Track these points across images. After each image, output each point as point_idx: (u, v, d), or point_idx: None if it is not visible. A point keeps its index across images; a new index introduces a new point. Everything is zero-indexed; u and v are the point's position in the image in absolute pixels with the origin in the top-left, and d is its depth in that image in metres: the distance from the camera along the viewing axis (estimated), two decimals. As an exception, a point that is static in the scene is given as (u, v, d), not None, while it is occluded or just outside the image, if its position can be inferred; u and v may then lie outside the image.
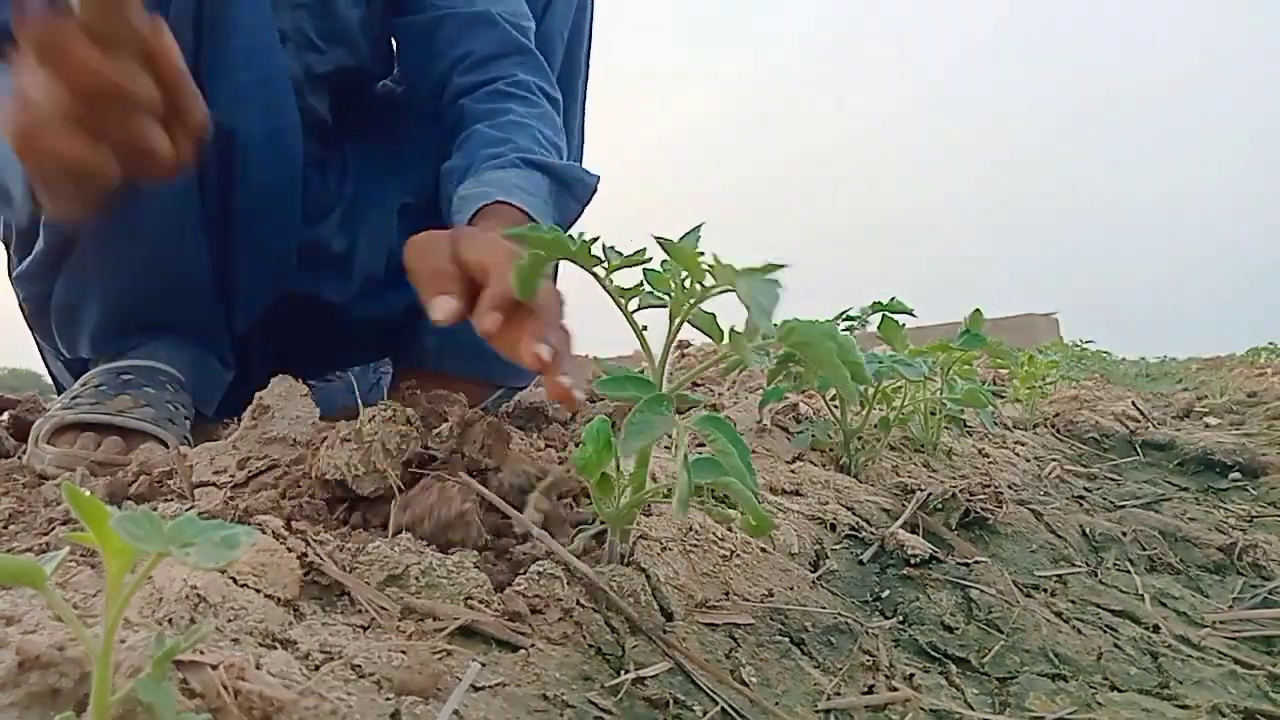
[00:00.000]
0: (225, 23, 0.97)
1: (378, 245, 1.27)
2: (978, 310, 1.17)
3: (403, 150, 1.30)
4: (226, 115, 0.98)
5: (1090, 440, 1.73)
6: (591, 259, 0.56)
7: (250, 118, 1.02)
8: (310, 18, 1.14)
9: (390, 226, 1.28)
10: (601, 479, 0.55)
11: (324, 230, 1.22)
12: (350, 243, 1.25)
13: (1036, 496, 1.13)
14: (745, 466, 0.50)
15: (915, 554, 0.75)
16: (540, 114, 1.15)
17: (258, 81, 1.02)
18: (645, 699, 0.47)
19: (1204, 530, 1.01)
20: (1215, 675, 0.63)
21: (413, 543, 0.54)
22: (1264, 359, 5.57)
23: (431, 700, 0.40)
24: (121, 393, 0.96)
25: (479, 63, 1.17)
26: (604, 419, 0.55)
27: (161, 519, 0.30)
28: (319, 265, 1.22)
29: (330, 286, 1.24)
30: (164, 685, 0.31)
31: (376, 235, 1.27)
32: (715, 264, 0.51)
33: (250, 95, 1.01)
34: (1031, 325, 9.07)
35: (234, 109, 1.00)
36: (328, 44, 1.18)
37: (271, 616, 0.44)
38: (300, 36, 1.14)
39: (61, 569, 0.45)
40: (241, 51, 0.99)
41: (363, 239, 1.26)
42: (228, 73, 0.99)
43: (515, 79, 1.16)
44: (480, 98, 1.15)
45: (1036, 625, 0.66)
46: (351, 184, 1.27)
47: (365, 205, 1.27)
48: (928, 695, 0.56)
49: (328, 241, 1.22)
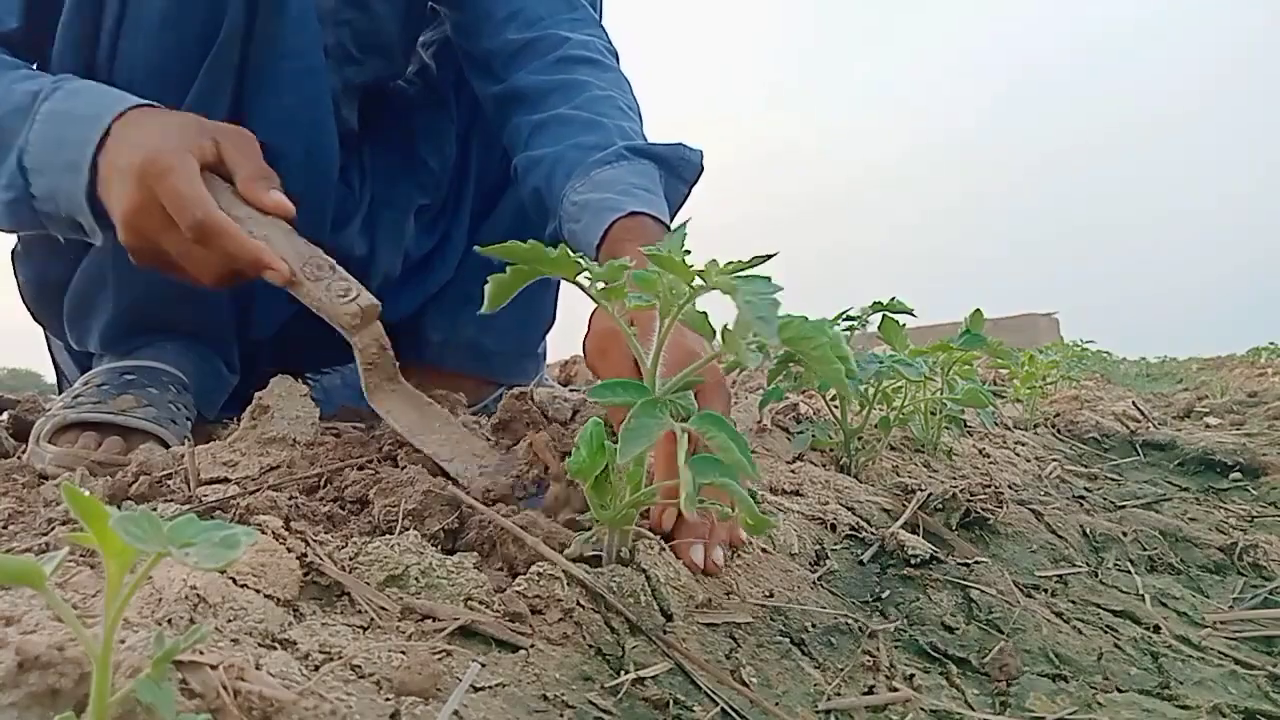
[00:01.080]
0: (276, 44, 0.98)
1: (395, 247, 1.28)
2: (978, 310, 1.17)
3: (417, 148, 1.31)
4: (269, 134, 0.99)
5: (1091, 440, 1.73)
6: (573, 267, 0.55)
7: (293, 138, 1.02)
8: (352, 32, 1.14)
9: (406, 227, 1.29)
10: (597, 482, 0.55)
11: (345, 237, 1.22)
12: (370, 246, 1.26)
13: (1037, 497, 1.12)
14: (747, 461, 0.50)
15: (916, 554, 0.75)
16: (615, 79, 1.11)
17: (303, 103, 1.02)
18: (645, 699, 0.47)
19: (1204, 530, 1.01)
20: (1216, 675, 0.63)
21: (413, 543, 0.54)
22: (1264, 359, 5.57)
23: (431, 700, 0.40)
24: (124, 392, 0.96)
25: (531, 21, 1.12)
26: (598, 421, 0.55)
27: (161, 519, 0.30)
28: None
29: None
30: (163, 685, 0.31)
31: (394, 237, 1.28)
32: (706, 270, 0.51)
33: (295, 117, 1.02)
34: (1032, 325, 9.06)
35: (278, 129, 1.00)
36: (365, 56, 1.18)
37: (271, 617, 0.44)
38: (340, 51, 1.14)
39: (61, 569, 0.45)
40: (290, 74, 1.00)
41: (381, 241, 1.26)
42: (274, 94, 1.00)
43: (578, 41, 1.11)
44: (547, 67, 1.10)
45: (1037, 625, 0.66)
46: (369, 186, 1.28)
47: (382, 207, 1.28)
48: (928, 695, 0.55)
49: (349, 248, 1.22)
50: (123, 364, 1.03)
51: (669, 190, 1.01)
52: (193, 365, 1.08)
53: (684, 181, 1.04)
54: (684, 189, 1.05)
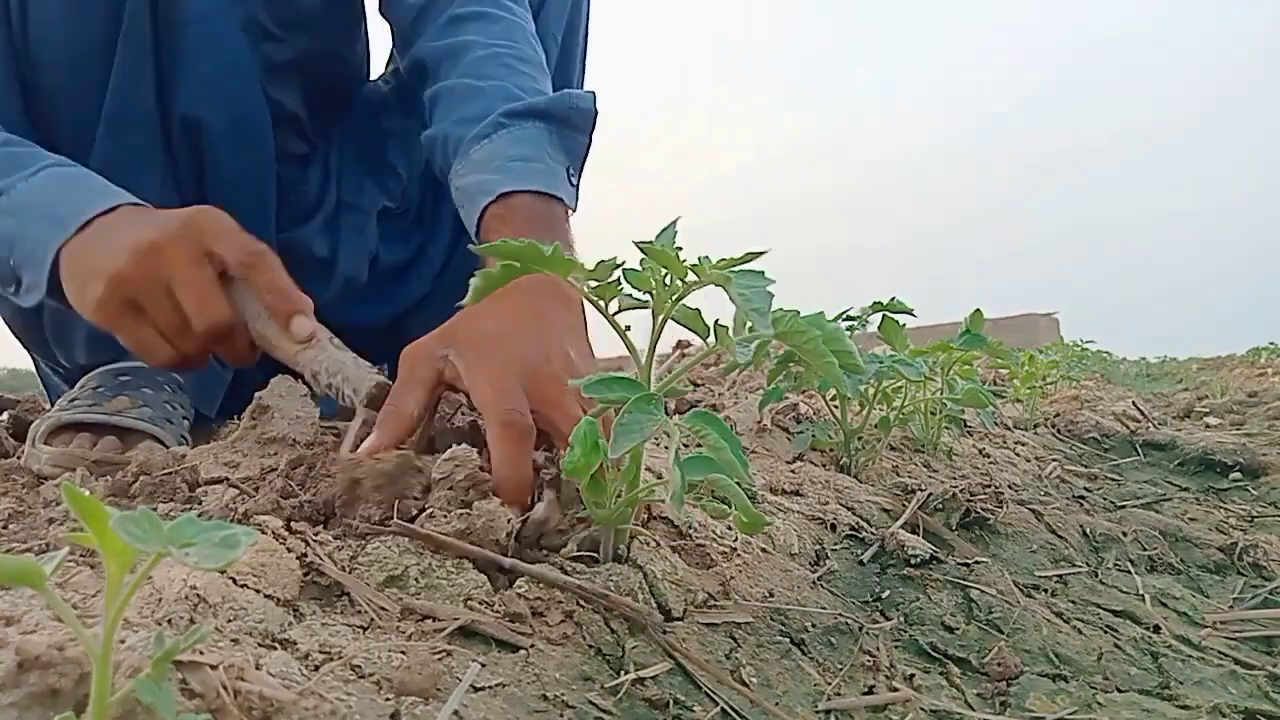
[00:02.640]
0: (181, 13, 0.97)
1: (360, 249, 1.26)
2: (978, 310, 1.17)
3: (385, 152, 1.29)
4: (191, 105, 0.98)
5: (1091, 440, 1.73)
6: (567, 266, 0.55)
7: (214, 107, 1.01)
8: (265, 5, 1.10)
9: (371, 231, 1.27)
10: (592, 480, 0.55)
11: (306, 233, 1.21)
12: (332, 247, 1.24)
13: (1037, 496, 1.12)
14: (738, 460, 0.50)
15: (915, 554, 0.75)
16: (504, 28, 1.04)
17: (219, 70, 1.00)
18: (645, 699, 0.47)
19: (1204, 530, 1.01)
20: (1216, 675, 0.63)
21: (412, 543, 0.54)
22: (1264, 359, 5.57)
23: (431, 700, 0.40)
24: (119, 394, 0.96)
25: None
26: (592, 421, 0.55)
27: (161, 519, 0.30)
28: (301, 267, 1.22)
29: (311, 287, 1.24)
30: (163, 685, 0.31)
31: (356, 239, 1.26)
32: (699, 265, 0.51)
33: (213, 83, 1.00)
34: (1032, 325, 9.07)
35: (198, 98, 0.99)
36: (285, 31, 1.14)
37: (271, 617, 0.44)
38: (255, 26, 1.10)
39: (61, 569, 0.45)
40: (199, 40, 0.98)
41: (344, 243, 1.24)
42: (189, 63, 0.98)
43: None
44: (435, 31, 1.04)
45: (1037, 625, 0.66)
46: (334, 188, 1.26)
47: (346, 210, 1.26)
48: (928, 695, 0.56)
49: (309, 244, 1.21)
50: (117, 365, 1.03)
51: (567, 143, 0.95)
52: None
53: (580, 131, 0.97)
54: (582, 138, 0.97)
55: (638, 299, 0.56)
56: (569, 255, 0.55)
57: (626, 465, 0.56)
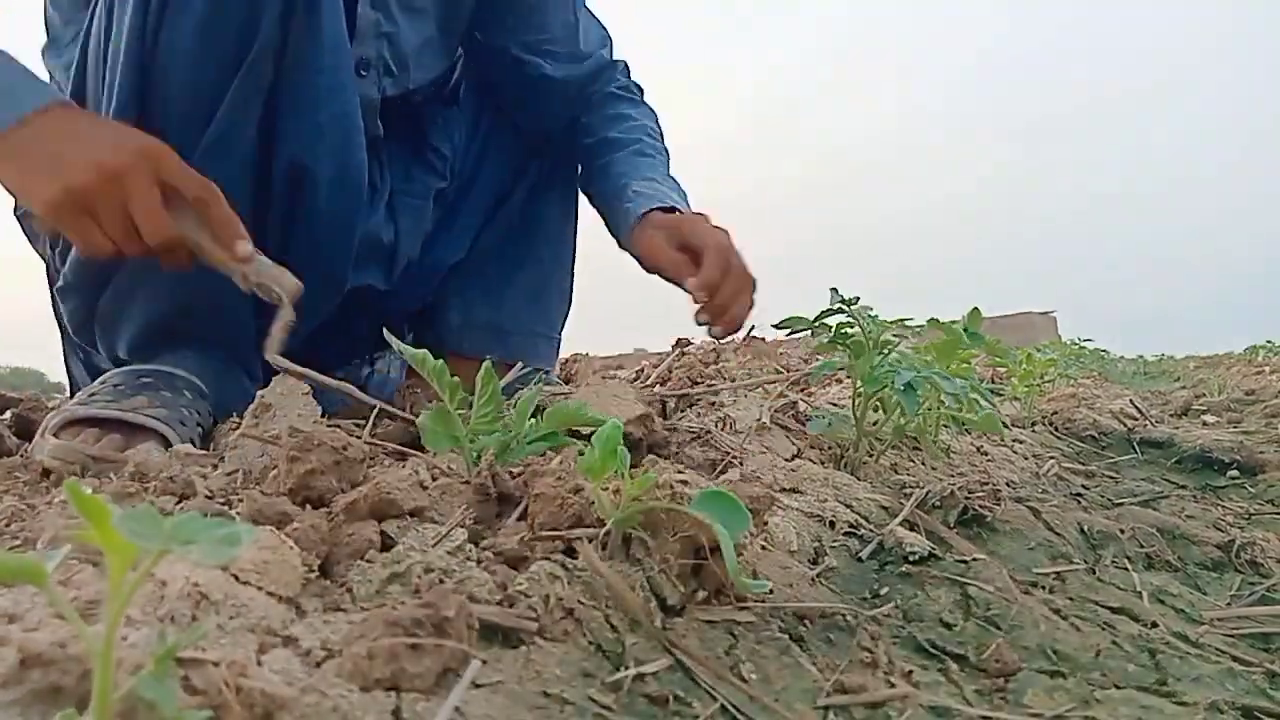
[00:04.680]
0: (308, 60, 0.99)
1: (417, 230, 1.34)
2: (976, 309, 1.17)
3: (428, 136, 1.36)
4: (301, 152, 1.01)
5: (1088, 438, 1.73)
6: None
7: (323, 156, 1.04)
8: (390, 44, 1.17)
9: (427, 212, 1.35)
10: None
11: (373, 225, 1.26)
12: (395, 232, 1.31)
13: (1034, 494, 1.13)
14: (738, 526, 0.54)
15: (914, 551, 0.75)
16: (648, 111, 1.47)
17: (332, 118, 1.04)
18: (645, 696, 0.47)
19: (1202, 528, 1.01)
20: (1213, 672, 0.63)
21: (415, 540, 0.54)
22: (1262, 357, 5.58)
23: (432, 697, 0.40)
24: (138, 394, 0.97)
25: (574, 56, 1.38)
26: (617, 425, 0.55)
27: (163, 516, 0.30)
28: (369, 258, 1.27)
29: (378, 276, 1.31)
30: (166, 682, 0.31)
31: (416, 223, 1.34)
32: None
33: (326, 133, 1.03)
34: (1030, 324, 9.06)
35: (309, 146, 1.02)
36: (401, 69, 1.21)
37: (273, 614, 0.44)
38: (380, 63, 1.17)
39: (63, 566, 0.45)
40: (322, 89, 1.01)
41: (404, 226, 1.32)
42: (306, 110, 1.01)
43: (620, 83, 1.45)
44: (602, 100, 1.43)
45: (1035, 622, 0.66)
46: (388, 176, 1.31)
47: (401, 194, 1.32)
48: (926, 692, 0.56)
49: (377, 234, 1.27)
50: (142, 367, 1.04)
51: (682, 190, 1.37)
52: (213, 375, 1.08)
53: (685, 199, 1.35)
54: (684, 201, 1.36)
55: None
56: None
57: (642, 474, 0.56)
